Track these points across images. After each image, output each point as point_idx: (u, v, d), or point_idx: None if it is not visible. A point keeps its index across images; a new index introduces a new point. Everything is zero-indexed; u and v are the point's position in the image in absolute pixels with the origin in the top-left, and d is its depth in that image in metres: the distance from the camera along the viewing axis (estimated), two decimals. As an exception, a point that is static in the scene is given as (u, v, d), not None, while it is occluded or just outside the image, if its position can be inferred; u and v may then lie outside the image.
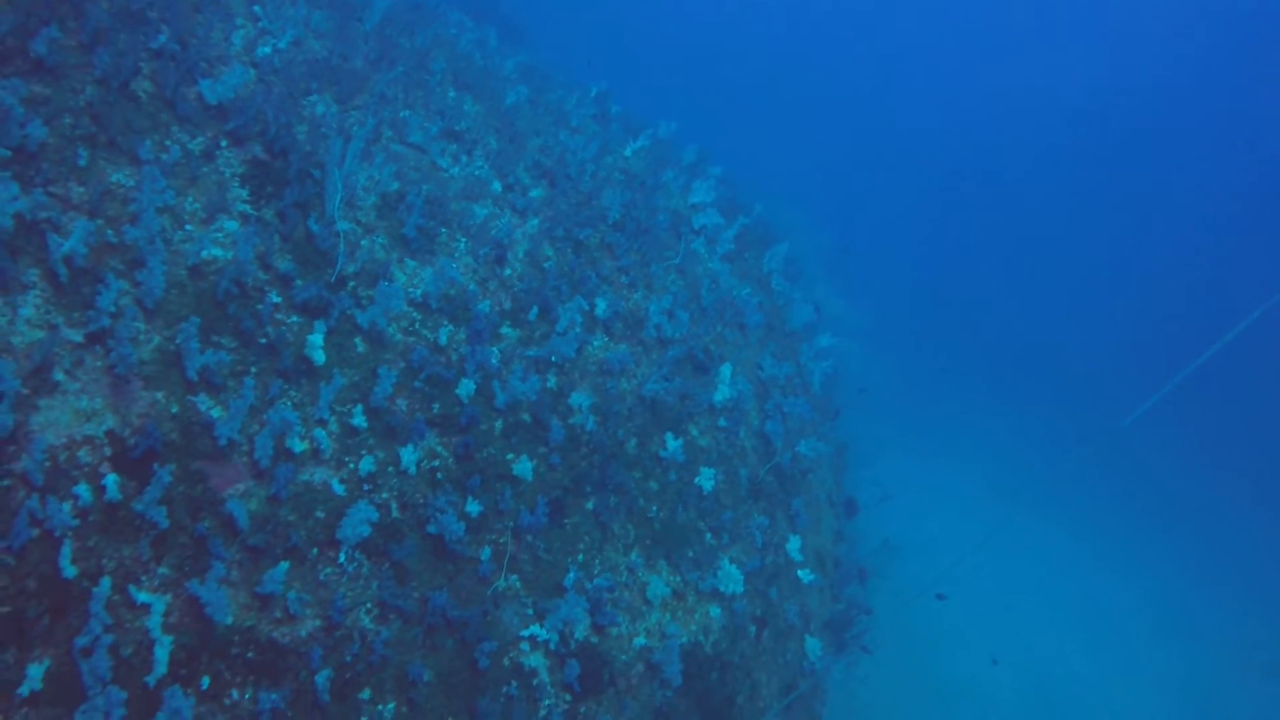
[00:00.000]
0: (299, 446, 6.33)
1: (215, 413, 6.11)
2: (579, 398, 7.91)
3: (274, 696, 5.59)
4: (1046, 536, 26.51)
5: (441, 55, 10.36)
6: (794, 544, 9.79)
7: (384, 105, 8.89)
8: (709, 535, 8.62)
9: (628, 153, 12.29)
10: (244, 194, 7.14)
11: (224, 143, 7.30)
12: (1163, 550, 28.26)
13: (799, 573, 9.87)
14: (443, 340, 7.42)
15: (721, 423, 9.48)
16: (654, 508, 8.18)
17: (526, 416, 7.62)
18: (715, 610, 8.25)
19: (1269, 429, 40.53)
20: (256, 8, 8.69)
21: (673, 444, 8.43)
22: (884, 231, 47.97)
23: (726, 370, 9.65)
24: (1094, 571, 25.96)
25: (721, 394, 9.43)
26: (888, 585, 16.36)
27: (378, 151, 8.27)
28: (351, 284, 7.27)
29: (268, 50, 8.21)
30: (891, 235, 48.34)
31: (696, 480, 8.64)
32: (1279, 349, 41.16)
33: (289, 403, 6.49)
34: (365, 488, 6.55)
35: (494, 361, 7.66)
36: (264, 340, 6.56)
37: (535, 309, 8.13)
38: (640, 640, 7.49)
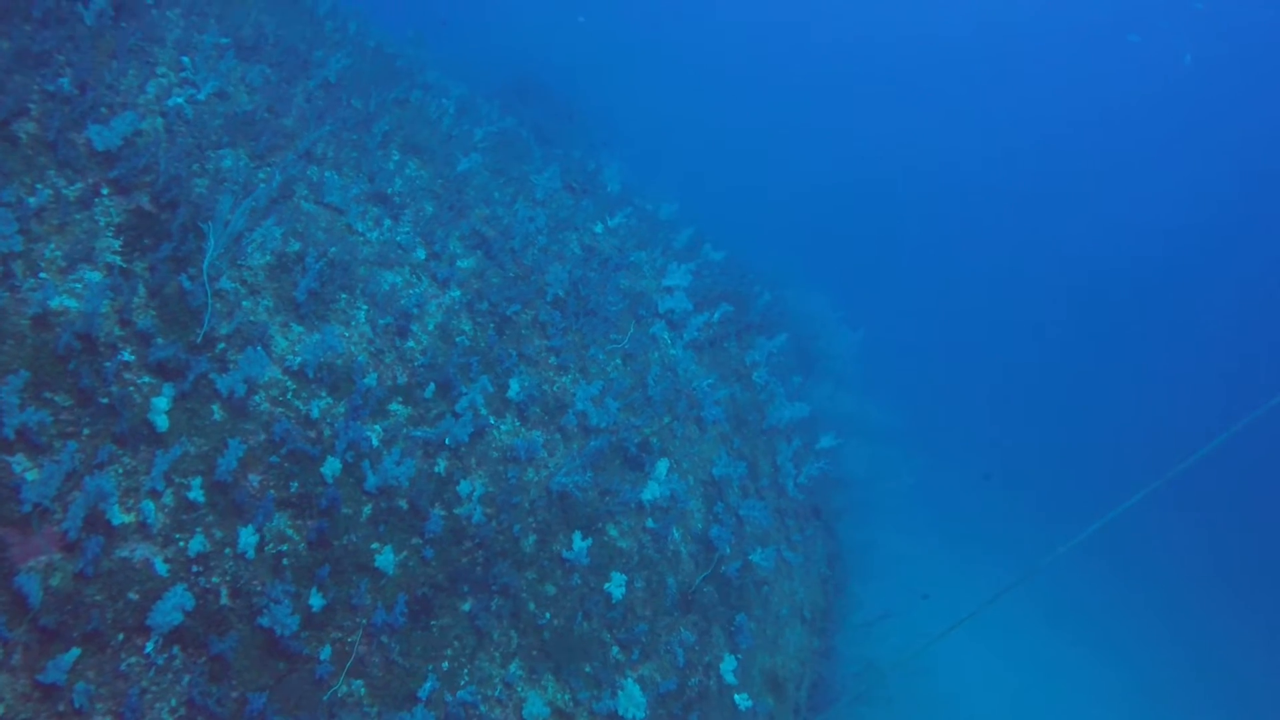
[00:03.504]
0: (120, 519, 5.97)
1: (30, 475, 5.79)
2: (468, 486, 7.46)
3: (34, 804, 5.10)
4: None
5: (390, 118, 10.32)
6: (729, 664, 9.07)
7: (308, 163, 8.80)
8: (616, 650, 7.99)
9: (597, 229, 12.08)
10: (116, 244, 6.98)
11: (105, 190, 7.20)
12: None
13: (735, 697, 9.13)
14: (315, 414, 7.07)
15: (650, 524, 8.93)
16: (547, 614, 7.61)
17: (403, 503, 7.19)
18: (611, 737, 7.57)
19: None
20: (185, 59, 8.73)
21: (579, 544, 7.89)
22: (927, 328, 47.34)
23: (663, 466, 9.15)
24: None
25: (651, 492, 8.90)
26: (875, 712, 15.31)
27: (285, 210, 8.12)
28: (221, 347, 7.01)
29: (180, 100, 8.19)
30: (936, 332, 47.69)
31: (606, 586, 8.06)
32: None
33: (120, 469, 6.16)
34: (194, 570, 6.14)
35: (373, 441, 7.28)
36: (105, 400, 6.28)
37: (432, 386, 7.77)
38: (508, 767, 6.85)
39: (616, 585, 8.06)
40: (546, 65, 27.41)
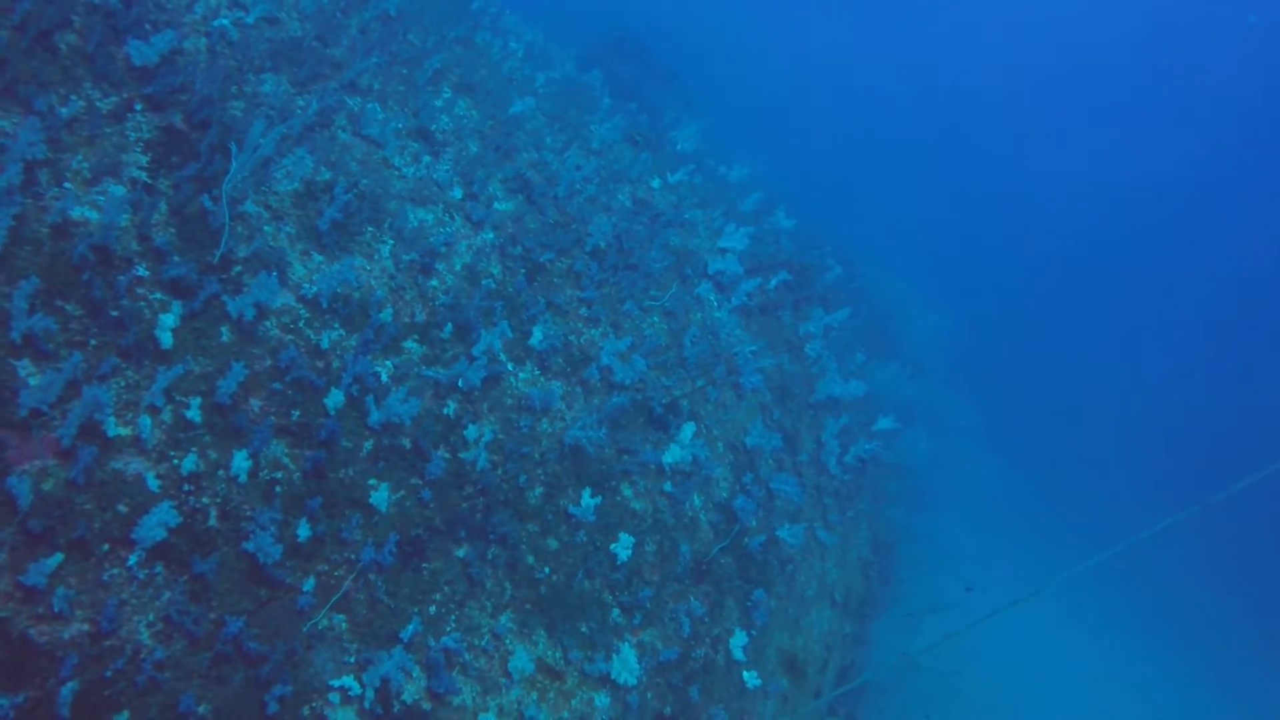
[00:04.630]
0: (116, 431, 6.05)
1: (33, 380, 5.91)
2: (475, 431, 7.37)
3: (3, 702, 5.24)
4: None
5: (447, 55, 10.21)
6: (739, 640, 8.87)
7: (351, 94, 8.76)
8: (616, 612, 7.87)
9: (655, 183, 11.82)
10: (144, 160, 7.05)
11: (139, 106, 7.27)
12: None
13: (744, 674, 8.94)
14: (325, 344, 7.06)
15: (668, 487, 8.74)
16: (546, 569, 7.52)
17: (406, 442, 7.15)
18: (602, 699, 7.47)
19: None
20: (239, -20, 8.75)
21: (587, 500, 7.76)
22: (1021, 321, 45.69)
23: (689, 429, 8.93)
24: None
25: (673, 455, 8.70)
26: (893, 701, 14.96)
27: (319, 139, 8.09)
28: (237, 269, 7.04)
29: (226, 22, 8.21)
30: (1036, 328, 46.00)
31: (613, 546, 7.92)
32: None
33: (122, 383, 6.24)
34: (185, 488, 6.21)
35: (383, 377, 7.25)
36: (115, 313, 6.36)
37: (449, 326, 7.69)
38: (488, 717, 6.79)
39: (623, 546, 7.91)
40: (654, 25, 26.95)
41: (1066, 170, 61.83)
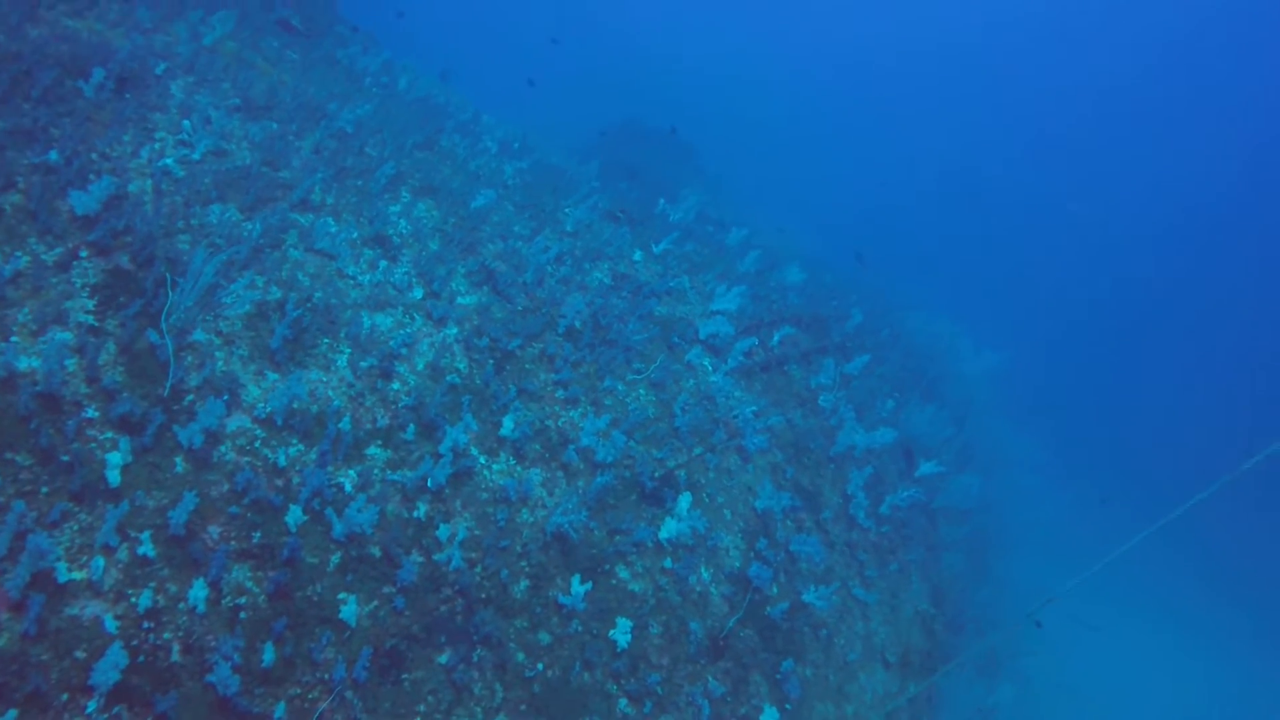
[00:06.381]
0: (69, 576, 6.04)
1: (-16, 537, 5.95)
2: (448, 529, 7.24)
3: None
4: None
5: (408, 161, 10.43)
6: (769, 716, 8.41)
7: (303, 211, 8.94)
8: (623, 702, 7.53)
9: (636, 256, 11.80)
10: (90, 304, 7.21)
11: (84, 253, 7.48)
12: None
13: (785, 757, 8.47)
14: (282, 462, 7.04)
15: (668, 564, 8.45)
16: (539, 665, 7.25)
17: (375, 550, 7.03)
18: (616, 799, 7.10)
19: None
20: (185, 122, 9.09)
21: (577, 588, 7.52)
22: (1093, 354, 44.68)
23: (685, 500, 8.67)
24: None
25: (669, 529, 8.44)
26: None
27: (270, 259, 8.24)
28: (189, 399, 7.09)
29: (170, 161, 8.49)
30: (1088, 352, 44.82)
31: (611, 633, 7.64)
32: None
33: (75, 526, 6.26)
34: (145, 625, 6.14)
35: (347, 487, 7.18)
36: (65, 458, 6.43)
37: (412, 427, 7.63)
38: (489, 832, 6.49)
39: (622, 631, 7.62)
40: (660, 108, 27.40)
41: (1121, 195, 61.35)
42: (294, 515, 6.82)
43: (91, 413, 6.73)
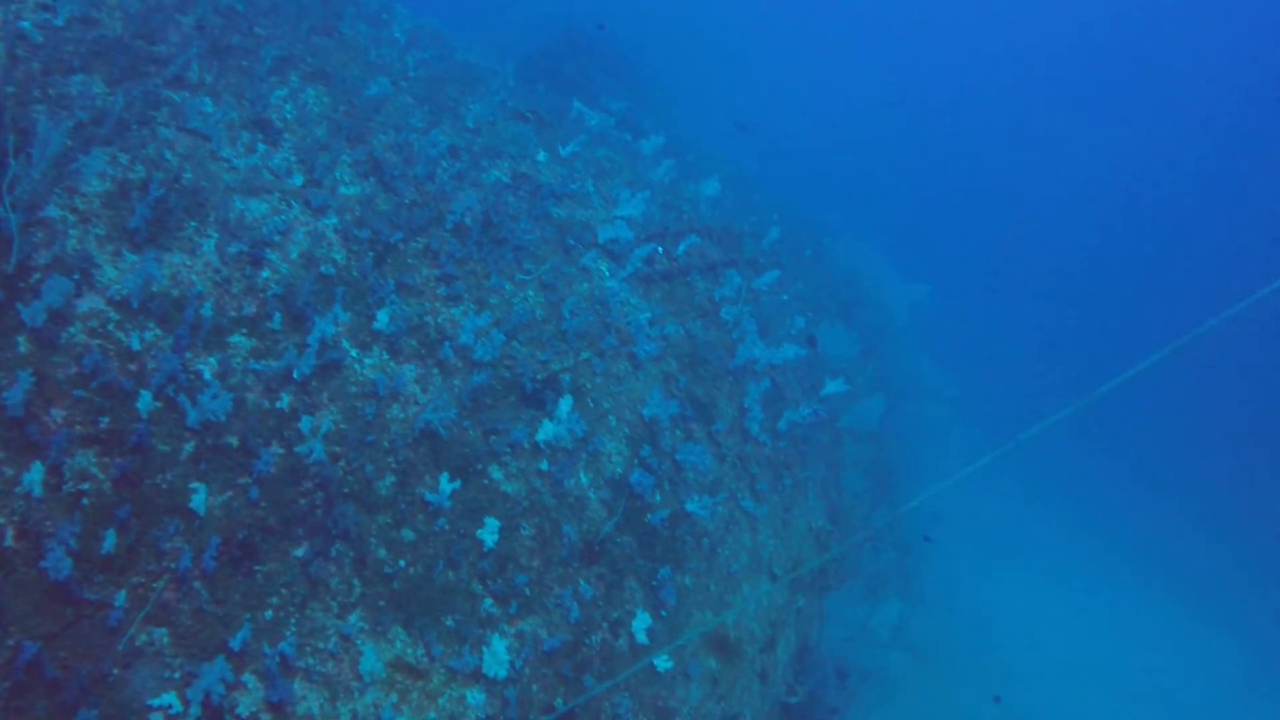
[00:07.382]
0: (-107, 455, 5.82)
1: None
2: (311, 421, 7.11)
3: None
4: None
5: (301, 45, 9.95)
6: (641, 622, 8.58)
7: (178, 89, 8.51)
8: (488, 602, 7.59)
9: (540, 157, 11.52)
10: (-74, 174, 6.80)
11: (-77, 119, 7.03)
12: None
13: (655, 659, 8.64)
14: (136, 346, 6.80)
15: (544, 466, 8.45)
16: (401, 561, 7.24)
17: (233, 440, 6.89)
18: (475, 695, 7.19)
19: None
20: (50, -17, 8.52)
21: (445, 486, 7.48)
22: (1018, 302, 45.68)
23: (566, 403, 8.64)
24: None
25: (547, 431, 8.42)
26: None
27: (136, 136, 7.85)
28: (37, 277, 6.79)
29: (27, 24, 7.97)
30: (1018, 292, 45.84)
31: (479, 532, 7.65)
32: None
33: (-98, 405, 6.00)
34: (-23, 509, 5.95)
35: (205, 375, 6.99)
36: (-104, 332, 6.14)
37: (278, 316, 7.43)
38: (340, 724, 6.52)
39: (489, 531, 7.64)
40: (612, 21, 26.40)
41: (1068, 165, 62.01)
42: (145, 401, 6.63)
43: (-75, 286, 6.42)
